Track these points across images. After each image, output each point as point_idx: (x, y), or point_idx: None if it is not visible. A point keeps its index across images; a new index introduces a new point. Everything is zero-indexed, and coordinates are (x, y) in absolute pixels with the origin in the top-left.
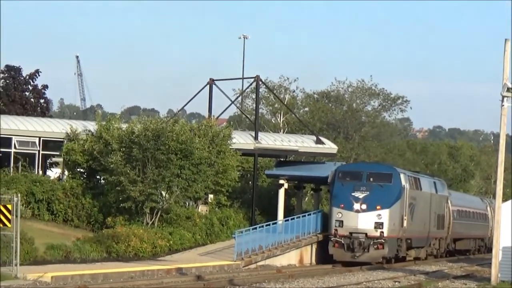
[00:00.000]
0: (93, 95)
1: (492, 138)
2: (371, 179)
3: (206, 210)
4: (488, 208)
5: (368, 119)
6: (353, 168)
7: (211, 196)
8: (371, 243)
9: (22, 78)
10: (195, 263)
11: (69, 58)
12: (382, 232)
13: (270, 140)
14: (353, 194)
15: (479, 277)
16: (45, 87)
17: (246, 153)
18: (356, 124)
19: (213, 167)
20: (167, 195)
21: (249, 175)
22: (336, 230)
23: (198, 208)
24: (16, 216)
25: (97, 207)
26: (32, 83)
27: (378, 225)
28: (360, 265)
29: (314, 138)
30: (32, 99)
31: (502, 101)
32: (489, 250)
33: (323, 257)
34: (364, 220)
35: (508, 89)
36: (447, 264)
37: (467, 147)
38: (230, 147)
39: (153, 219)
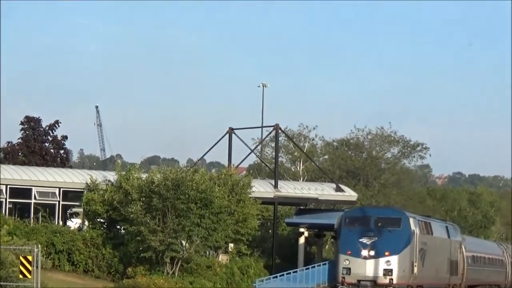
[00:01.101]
0: (113, 145)
1: None
2: (379, 224)
3: (227, 259)
4: (505, 254)
5: (388, 166)
6: (360, 213)
7: (231, 245)
8: None
9: (42, 129)
10: None
11: (89, 109)
12: (392, 279)
13: (289, 188)
14: (360, 240)
15: None
16: (65, 137)
17: (266, 201)
18: (375, 171)
19: (233, 215)
20: (187, 245)
21: (269, 223)
22: (343, 277)
23: (219, 257)
24: (37, 267)
25: (117, 257)
26: (51, 134)
27: (387, 272)
28: None
29: (334, 185)
30: (51, 150)
31: None
32: None
33: None
34: (372, 267)
35: None
36: None
37: (487, 193)
38: (250, 195)
39: (173, 269)
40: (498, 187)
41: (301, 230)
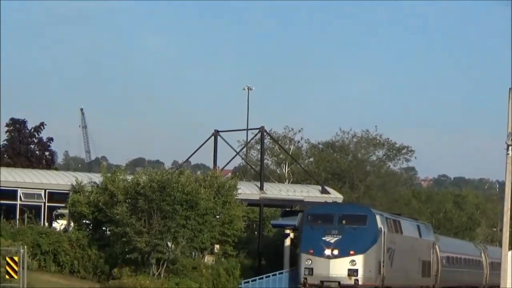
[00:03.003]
0: (98, 147)
1: (497, 186)
2: (344, 222)
3: (213, 261)
4: (483, 255)
5: (373, 168)
6: (323, 210)
7: (217, 246)
8: None
9: (27, 131)
10: None
11: (73, 111)
12: (357, 280)
13: (275, 191)
14: (323, 238)
15: None
16: (50, 139)
17: (251, 203)
18: (361, 173)
19: (219, 217)
20: (173, 246)
21: (255, 225)
22: (305, 278)
23: (205, 258)
24: (23, 268)
25: (103, 258)
26: (37, 136)
27: (352, 273)
28: None
29: (320, 188)
30: (37, 152)
31: (507, 149)
32: None
33: None
34: (336, 267)
35: None
36: None
37: (472, 195)
38: (236, 197)
39: (159, 270)
40: (484, 189)
41: (287, 231)
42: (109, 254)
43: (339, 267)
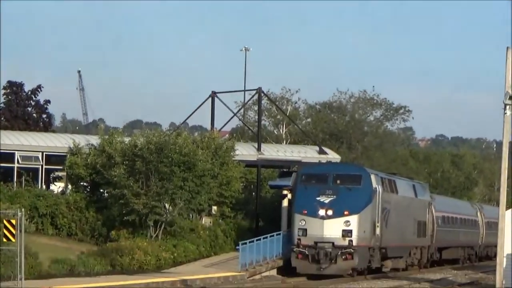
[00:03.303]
0: (95, 109)
1: (494, 146)
2: (338, 182)
3: (210, 222)
4: (479, 214)
5: (371, 129)
6: (318, 170)
7: (214, 207)
8: (339, 254)
9: (24, 93)
10: (200, 275)
11: (71, 73)
12: (351, 241)
13: (273, 151)
14: (318, 198)
15: (483, 285)
16: (47, 102)
17: (249, 164)
18: (358, 134)
19: (216, 179)
20: (170, 208)
21: (252, 186)
22: (299, 239)
23: (202, 220)
24: (20, 231)
25: (100, 220)
26: (34, 98)
27: (347, 233)
28: (327, 278)
29: (317, 148)
30: (34, 115)
31: (505, 109)
32: (480, 259)
33: None
34: (330, 227)
35: (511, 97)
36: (451, 271)
37: (470, 155)
38: (233, 158)
39: (157, 232)
40: (481, 149)
41: (285, 192)
42: (106, 216)
43: (333, 228)
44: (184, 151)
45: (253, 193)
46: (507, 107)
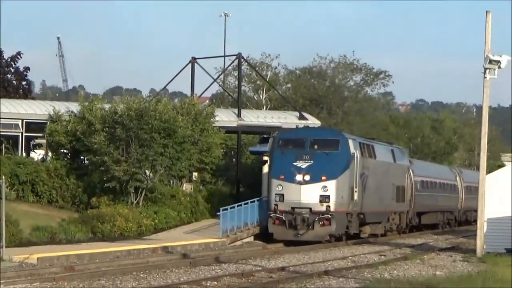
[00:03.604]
0: (75, 76)
1: (474, 110)
2: (316, 147)
3: (191, 188)
4: (458, 179)
5: (351, 94)
6: (295, 134)
7: (195, 174)
8: (316, 219)
9: (4, 60)
10: (181, 241)
11: (50, 40)
12: (329, 207)
13: (253, 117)
14: (295, 163)
15: (464, 249)
16: (27, 69)
17: (229, 130)
18: (339, 99)
19: (196, 145)
20: (151, 174)
21: (233, 152)
22: (276, 205)
23: (183, 186)
24: (1, 198)
25: (81, 187)
26: (13, 65)
27: (324, 199)
28: (304, 244)
29: (297, 114)
30: (14, 82)
31: (485, 73)
32: (460, 223)
33: None
34: (307, 193)
35: (490, 61)
36: (432, 236)
37: (450, 120)
38: (214, 125)
39: (137, 199)
40: (461, 114)
41: (265, 158)
42: (87, 183)
43: (310, 193)
44: (164, 117)
45: (234, 159)
46: (487, 71)
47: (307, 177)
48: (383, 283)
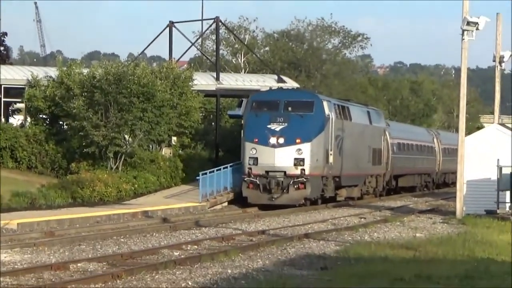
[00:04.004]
0: (53, 41)
1: (453, 72)
2: (290, 109)
3: (170, 153)
4: (435, 141)
5: (329, 57)
6: (268, 96)
7: (174, 138)
8: (291, 183)
9: None
10: (161, 206)
11: (27, 5)
12: (303, 170)
13: (231, 81)
14: (268, 126)
15: (444, 211)
16: (4, 34)
17: (208, 94)
18: (317, 62)
19: (175, 109)
20: (130, 139)
21: (211, 116)
22: (250, 169)
23: (162, 151)
24: None
25: (60, 153)
26: None
27: (299, 162)
28: (279, 208)
29: (276, 77)
30: None
31: (463, 35)
32: (438, 186)
33: None
34: (282, 156)
35: (468, 23)
36: (412, 199)
37: (428, 82)
38: (192, 88)
39: (117, 164)
40: (439, 75)
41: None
42: (66, 148)
43: (284, 156)
44: (142, 81)
45: (213, 123)
46: (465, 32)
47: (281, 140)
48: (363, 245)
